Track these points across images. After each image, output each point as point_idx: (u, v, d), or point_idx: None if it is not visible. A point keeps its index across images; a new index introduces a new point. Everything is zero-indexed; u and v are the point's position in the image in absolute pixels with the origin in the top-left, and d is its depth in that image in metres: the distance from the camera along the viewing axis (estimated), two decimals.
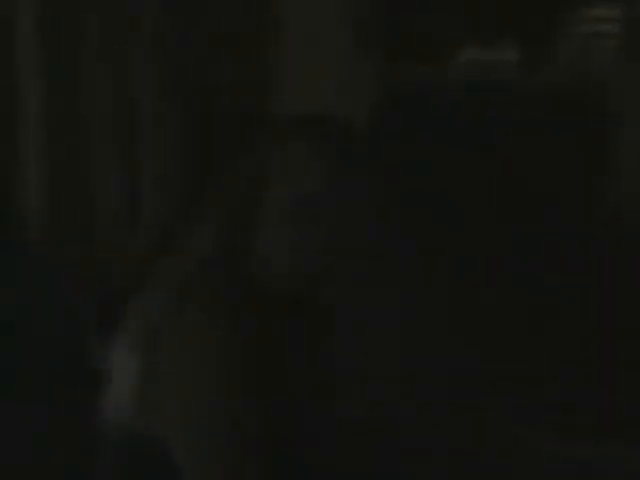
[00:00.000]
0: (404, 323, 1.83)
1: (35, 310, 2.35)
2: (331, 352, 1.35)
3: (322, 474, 1.33)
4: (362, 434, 1.44)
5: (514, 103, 2.24)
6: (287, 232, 1.27)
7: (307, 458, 1.32)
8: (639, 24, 2.06)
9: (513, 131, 2.25)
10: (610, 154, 2.11)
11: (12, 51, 2.14)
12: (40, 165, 2.20)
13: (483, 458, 1.80)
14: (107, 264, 2.24)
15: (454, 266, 2.20)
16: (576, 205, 2.19)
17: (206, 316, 1.20)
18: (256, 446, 1.21)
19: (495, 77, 2.27)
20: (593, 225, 2.14)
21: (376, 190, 1.37)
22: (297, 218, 1.25)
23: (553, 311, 2.14)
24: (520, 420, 1.90)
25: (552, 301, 2.15)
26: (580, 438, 1.83)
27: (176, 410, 1.19)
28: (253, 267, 1.28)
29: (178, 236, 1.37)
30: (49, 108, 2.18)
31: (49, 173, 2.22)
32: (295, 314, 1.30)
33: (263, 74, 2.38)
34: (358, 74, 2.28)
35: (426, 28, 2.32)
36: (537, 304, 2.15)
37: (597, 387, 1.91)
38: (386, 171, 2.12)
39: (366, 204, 1.33)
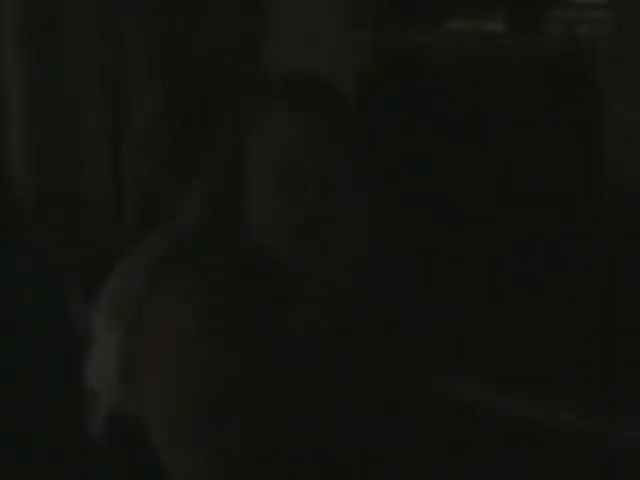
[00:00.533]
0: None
1: (35, 310, 2.36)
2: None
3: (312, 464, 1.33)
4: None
5: (503, 73, 2.23)
6: (271, 216, 1.25)
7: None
8: None
9: (504, 104, 2.24)
10: (598, 126, 2.09)
11: None
12: (24, 155, 2.21)
13: (465, 432, 1.81)
14: (93, 234, 2.25)
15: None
16: (568, 181, 2.18)
17: (191, 287, 1.19)
18: (247, 429, 1.21)
19: (485, 47, 2.25)
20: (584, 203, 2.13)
21: (364, 158, 1.36)
22: (283, 186, 1.23)
23: (534, 293, 2.14)
24: (510, 395, 1.90)
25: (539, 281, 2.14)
26: (565, 410, 1.84)
27: (159, 387, 1.18)
28: (239, 237, 1.26)
29: (163, 206, 1.36)
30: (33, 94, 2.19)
31: (34, 162, 2.23)
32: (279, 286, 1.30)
33: (252, 39, 2.38)
34: (348, 41, 2.27)
35: None
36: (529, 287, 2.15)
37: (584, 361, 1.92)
38: (375, 138, 2.11)
39: (354, 171, 1.32)
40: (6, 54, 2.12)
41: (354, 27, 2.26)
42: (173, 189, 1.35)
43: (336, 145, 1.25)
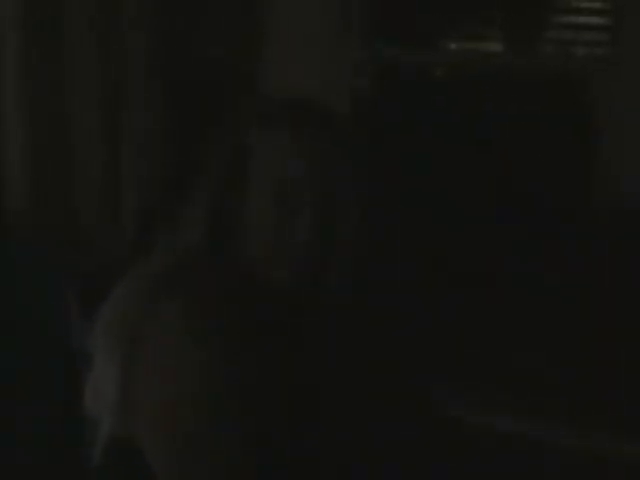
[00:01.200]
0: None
1: (35, 310, 2.36)
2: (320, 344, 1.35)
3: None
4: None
5: (500, 92, 2.24)
6: (271, 217, 1.25)
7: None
8: (626, 15, 2.04)
9: (500, 119, 2.26)
10: (593, 149, 2.11)
11: None
12: (23, 155, 2.20)
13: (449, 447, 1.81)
14: (90, 253, 2.25)
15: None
16: (564, 200, 2.19)
17: (191, 306, 1.19)
18: (244, 447, 1.20)
19: (481, 66, 2.26)
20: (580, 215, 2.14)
21: (362, 174, 1.36)
22: (281, 203, 1.23)
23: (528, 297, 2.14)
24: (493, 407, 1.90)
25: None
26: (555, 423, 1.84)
27: (157, 410, 1.17)
28: (239, 254, 1.27)
29: (162, 224, 1.36)
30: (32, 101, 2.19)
31: (32, 161, 2.22)
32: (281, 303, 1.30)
33: (247, 57, 2.38)
34: (342, 59, 2.27)
35: (412, 14, 2.31)
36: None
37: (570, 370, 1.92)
38: (371, 154, 2.12)
39: (351, 188, 1.32)
40: (5, 54, 2.12)
41: (348, 45, 2.27)
42: (173, 191, 1.35)
43: (335, 159, 1.25)
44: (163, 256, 1.25)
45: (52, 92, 2.18)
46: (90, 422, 1.26)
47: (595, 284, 1.95)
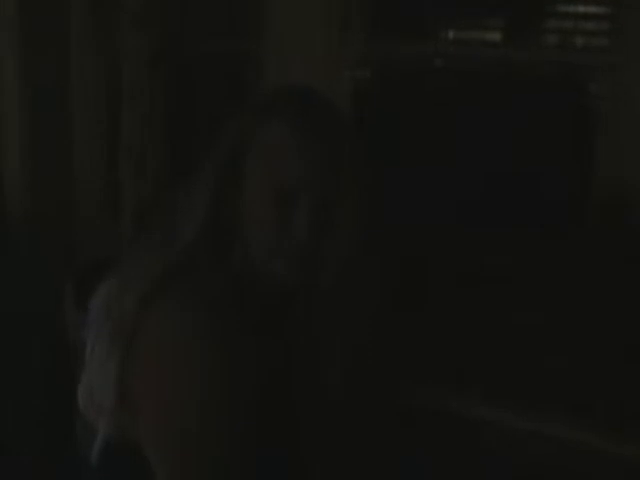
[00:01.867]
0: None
1: (35, 308, 2.36)
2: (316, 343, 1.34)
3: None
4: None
5: (499, 85, 2.22)
6: (271, 216, 1.24)
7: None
8: (626, 6, 2.03)
9: (500, 112, 2.24)
10: (593, 147, 2.10)
11: None
12: (23, 155, 2.21)
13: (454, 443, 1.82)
14: (89, 251, 2.25)
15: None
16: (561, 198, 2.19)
17: (190, 305, 1.19)
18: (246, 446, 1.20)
19: (480, 56, 2.24)
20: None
21: (361, 171, 1.34)
22: (281, 202, 1.22)
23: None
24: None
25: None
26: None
27: (155, 407, 1.17)
28: (239, 253, 1.25)
29: (161, 222, 1.35)
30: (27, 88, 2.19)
31: (32, 161, 2.23)
32: (278, 301, 1.30)
33: (248, 54, 2.38)
34: (343, 53, 2.26)
35: (411, 4, 2.30)
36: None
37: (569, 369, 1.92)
38: (371, 151, 2.12)
39: (351, 186, 1.30)
40: (5, 54, 2.12)
41: (348, 38, 2.26)
42: (173, 190, 1.35)
43: (335, 157, 1.24)
44: (162, 255, 1.24)
45: (52, 92, 2.19)
46: (85, 421, 1.26)
47: (595, 284, 1.95)
